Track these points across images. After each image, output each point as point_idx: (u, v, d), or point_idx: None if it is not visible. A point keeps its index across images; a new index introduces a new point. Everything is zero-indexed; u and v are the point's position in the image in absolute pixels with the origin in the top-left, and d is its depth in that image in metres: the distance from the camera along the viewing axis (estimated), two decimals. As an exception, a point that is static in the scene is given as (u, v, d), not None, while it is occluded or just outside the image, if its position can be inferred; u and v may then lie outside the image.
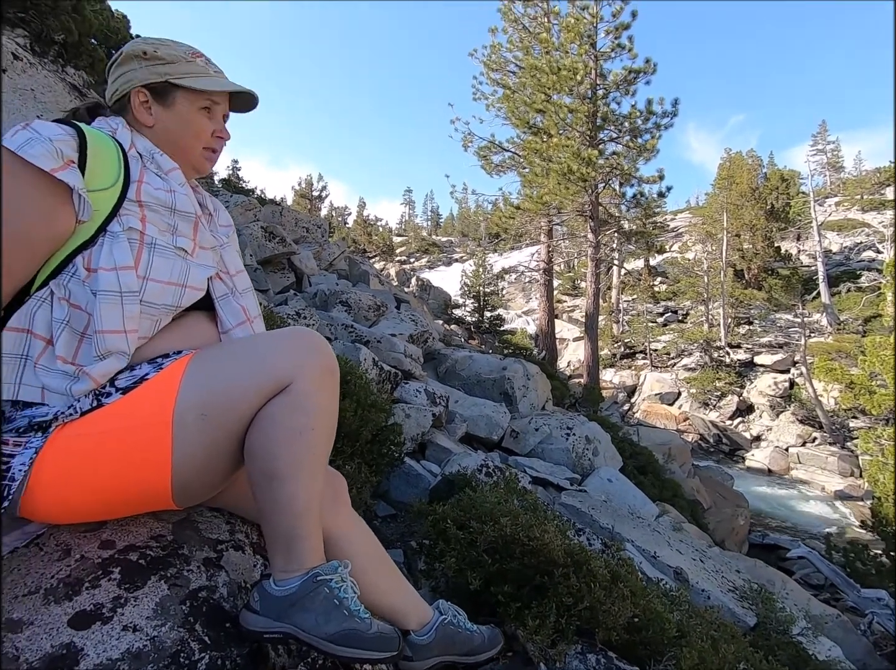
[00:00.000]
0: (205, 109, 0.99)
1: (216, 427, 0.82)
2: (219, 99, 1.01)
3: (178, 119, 0.97)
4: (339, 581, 0.84)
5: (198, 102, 0.98)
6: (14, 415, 0.79)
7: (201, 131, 0.99)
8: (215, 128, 1.01)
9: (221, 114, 1.03)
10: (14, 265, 0.77)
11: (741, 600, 3.04)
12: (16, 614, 0.71)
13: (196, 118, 0.98)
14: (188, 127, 0.98)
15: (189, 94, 0.97)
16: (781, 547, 8.51)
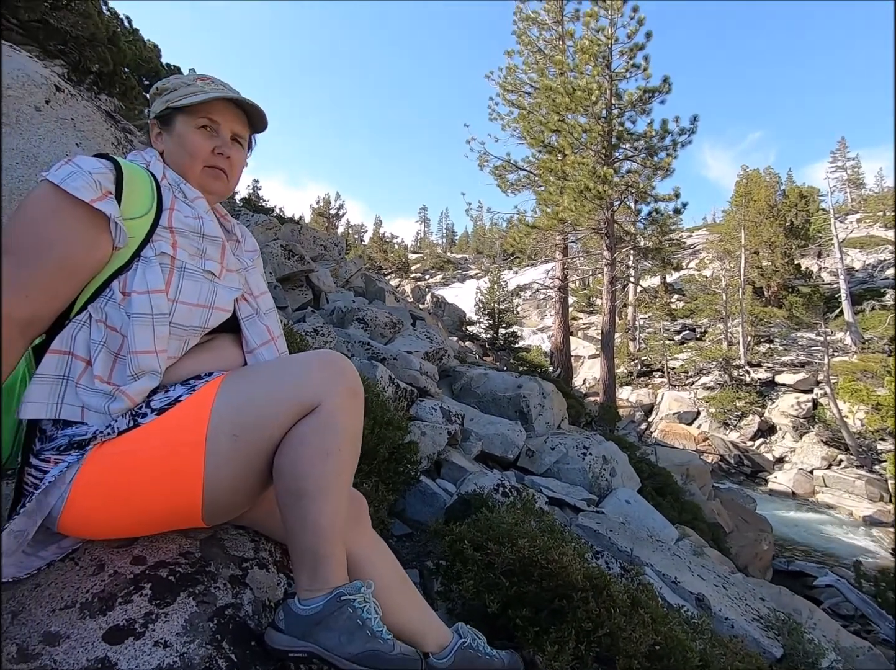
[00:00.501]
0: (203, 129, 1.00)
1: (247, 447, 0.85)
2: (218, 117, 1.00)
3: (177, 141, 1.00)
4: (363, 601, 0.85)
5: (193, 122, 0.99)
6: (55, 434, 0.83)
7: (196, 149, 0.99)
8: (215, 144, 1.00)
9: (227, 132, 1.02)
10: (58, 289, 0.82)
11: (766, 629, 2.94)
12: (53, 627, 0.73)
13: (191, 137, 0.99)
14: (184, 146, 0.99)
15: (185, 116, 0.99)
16: (808, 575, 8.21)
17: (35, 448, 0.84)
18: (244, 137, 1.06)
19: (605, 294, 12.50)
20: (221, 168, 1.02)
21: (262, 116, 1.06)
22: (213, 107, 0.99)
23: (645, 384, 20.78)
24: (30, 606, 0.76)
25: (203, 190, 1.02)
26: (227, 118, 1.01)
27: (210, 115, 0.99)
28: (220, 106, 1.00)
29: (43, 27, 4.10)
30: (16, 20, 4.16)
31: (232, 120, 1.02)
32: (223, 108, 1.01)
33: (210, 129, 1.00)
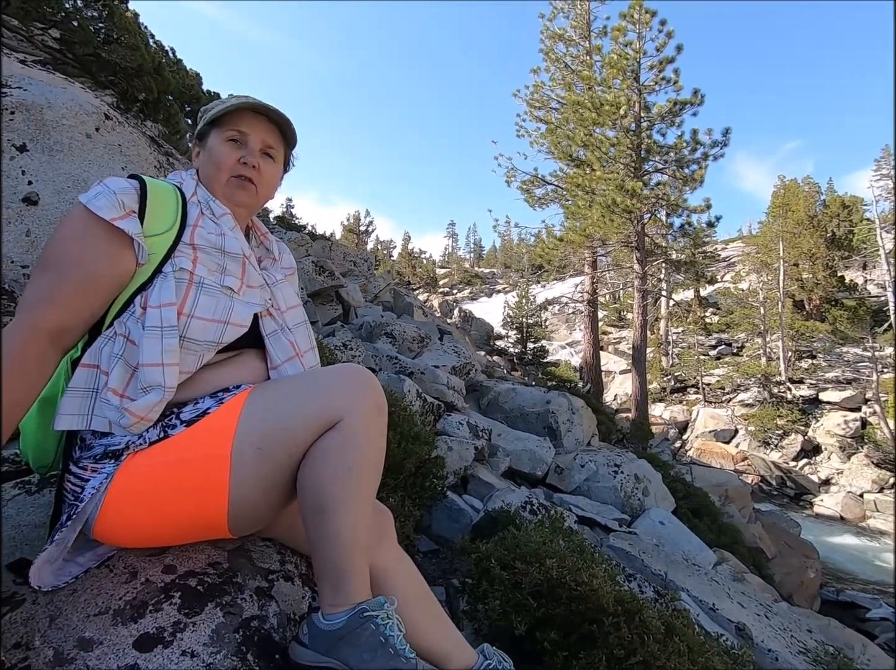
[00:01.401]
0: (232, 141, 1.01)
1: (271, 460, 0.86)
2: (246, 128, 1.01)
3: (207, 154, 1.03)
4: (385, 617, 0.84)
5: (223, 134, 1.01)
6: (93, 443, 0.87)
7: (222, 159, 1.00)
8: (241, 154, 1.01)
9: (257, 143, 1.03)
10: (84, 302, 0.85)
11: (814, 664, 2.76)
12: (87, 633, 0.75)
13: (219, 148, 1.01)
14: (211, 157, 1.01)
15: (216, 130, 1.02)
16: (860, 606, 7.69)
17: (75, 456, 0.88)
18: (276, 150, 1.07)
19: (636, 308, 12.26)
20: (247, 177, 1.03)
21: (288, 125, 1.07)
22: (242, 119, 1.02)
23: (679, 400, 20.16)
24: (66, 611, 0.79)
25: (230, 202, 1.03)
26: (255, 129, 1.03)
27: (238, 126, 1.01)
28: (248, 118, 1.02)
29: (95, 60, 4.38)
30: (72, 55, 4.46)
31: (262, 131, 1.04)
32: (252, 119, 1.03)
33: (238, 142, 1.02)
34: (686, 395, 20.43)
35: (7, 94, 2.08)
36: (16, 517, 0.99)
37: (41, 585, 0.82)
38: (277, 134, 1.07)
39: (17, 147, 2.02)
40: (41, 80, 2.26)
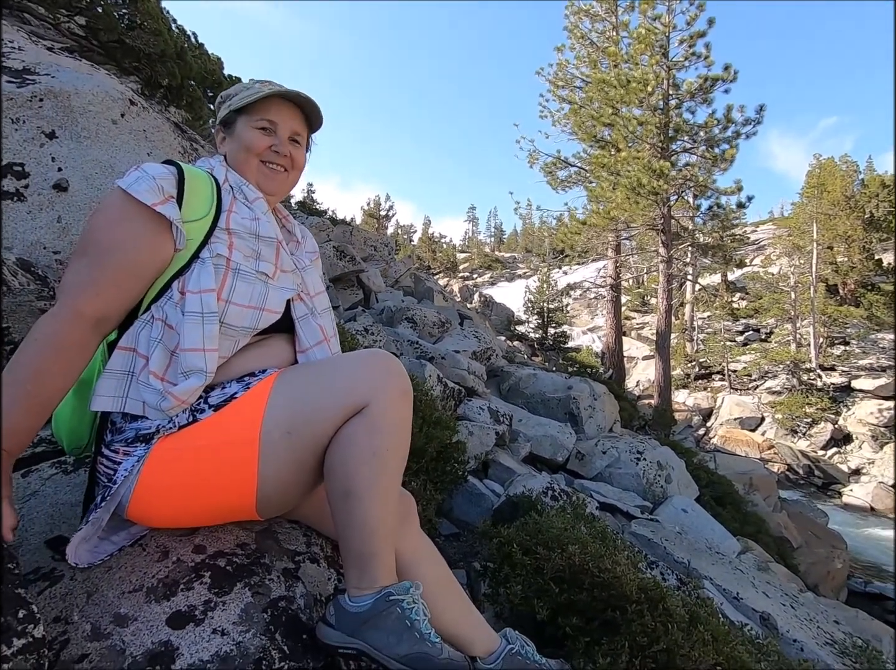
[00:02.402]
0: (262, 129, 1.02)
1: (299, 445, 0.87)
2: (275, 116, 1.02)
3: (236, 140, 1.03)
4: (411, 602, 0.85)
5: (252, 122, 1.01)
6: (124, 427, 0.88)
7: (252, 144, 1.01)
8: (272, 142, 1.02)
9: (286, 131, 1.03)
10: (126, 288, 0.86)
11: (841, 656, 2.72)
12: (123, 609, 0.78)
13: (248, 134, 1.01)
14: (241, 144, 1.02)
15: (245, 117, 1.02)
16: (889, 598, 7.53)
17: (107, 439, 0.90)
18: (302, 136, 1.08)
19: (660, 292, 12.00)
20: (280, 165, 1.04)
21: (317, 112, 1.07)
22: (271, 106, 1.02)
23: (703, 387, 19.80)
24: (102, 588, 0.82)
25: (262, 189, 1.04)
26: (284, 117, 1.03)
27: (268, 115, 1.02)
28: (276, 105, 1.02)
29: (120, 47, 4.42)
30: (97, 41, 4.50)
31: (290, 118, 1.04)
32: (280, 106, 1.03)
33: (268, 130, 1.03)
34: (711, 382, 20.05)
35: (36, 82, 2.11)
36: (53, 496, 1.03)
37: (78, 562, 0.85)
38: (303, 118, 1.07)
39: (46, 134, 2.05)
40: (68, 66, 2.29)
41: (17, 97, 2.01)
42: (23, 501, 1.00)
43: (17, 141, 1.99)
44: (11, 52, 2.30)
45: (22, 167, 1.99)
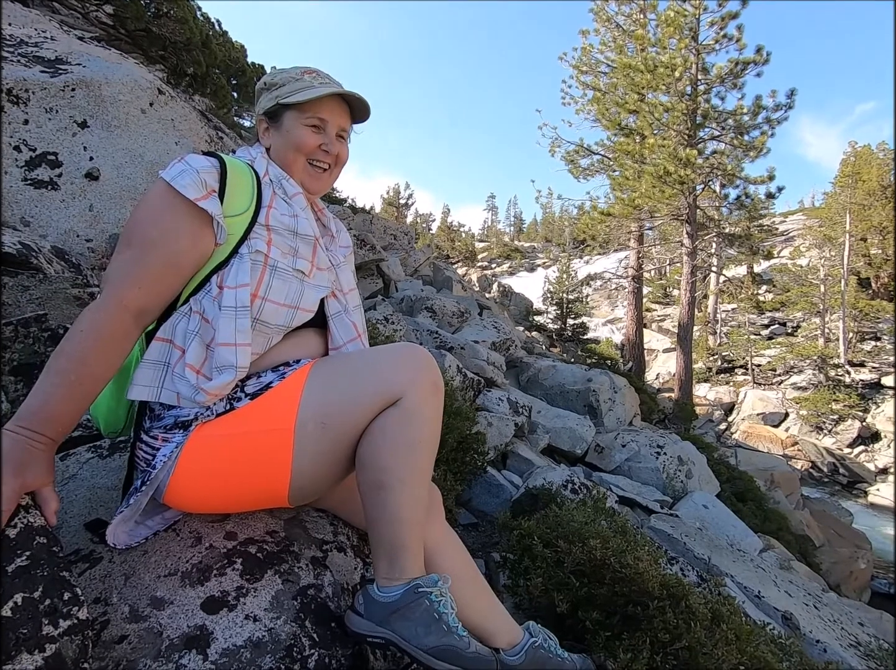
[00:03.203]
0: (313, 127, 1.00)
1: (333, 435, 0.87)
2: (326, 114, 1.00)
3: (284, 136, 1.01)
4: (439, 595, 0.85)
5: (303, 119, 1.00)
6: (163, 414, 0.90)
7: (302, 143, 1.00)
8: (322, 142, 1.01)
9: (334, 130, 1.02)
10: (167, 281, 0.87)
11: (866, 658, 2.67)
12: (159, 592, 0.80)
13: (298, 131, 1.00)
14: (290, 140, 1.00)
15: (295, 112, 1.00)
16: (914, 600, 7.35)
17: (145, 425, 0.92)
18: (347, 131, 1.07)
19: (683, 284, 11.75)
20: (326, 163, 1.04)
21: (366, 109, 1.06)
22: (323, 104, 1.00)
23: (725, 381, 19.44)
24: (139, 571, 0.84)
25: (306, 189, 1.04)
26: (334, 115, 1.02)
27: (320, 113, 1.00)
28: (328, 102, 1.01)
29: (146, 35, 4.46)
30: (124, 30, 4.55)
31: (339, 115, 1.03)
32: (331, 104, 1.01)
33: (318, 128, 1.01)
34: (733, 376, 19.66)
35: (68, 72, 2.15)
36: (90, 479, 1.06)
37: (116, 543, 0.88)
38: (348, 113, 1.06)
39: (78, 123, 2.09)
40: (98, 55, 2.31)
41: (50, 87, 2.04)
42: (62, 484, 1.03)
43: (51, 130, 2.03)
44: (44, 42, 2.34)
45: (55, 156, 2.03)
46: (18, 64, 2.10)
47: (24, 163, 1.98)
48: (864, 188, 19.35)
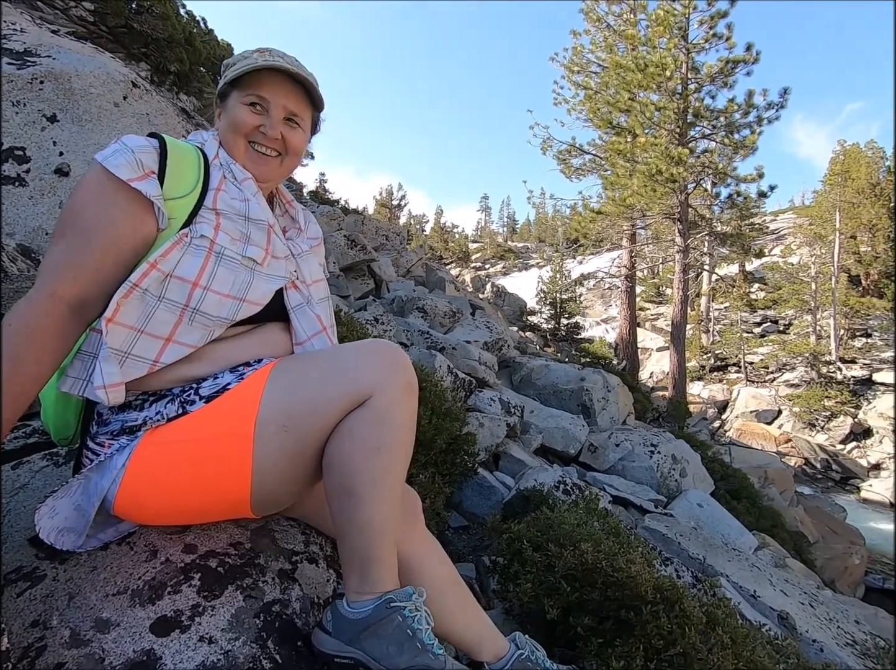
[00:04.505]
0: (251, 105, 0.93)
1: (296, 439, 0.81)
2: (267, 93, 0.92)
3: (226, 117, 0.95)
4: (413, 609, 0.79)
5: (241, 97, 0.93)
6: (110, 419, 0.83)
7: (239, 124, 0.92)
8: (261, 122, 0.93)
9: (279, 111, 0.94)
10: (105, 269, 0.80)
11: (863, 657, 2.63)
12: (105, 613, 0.73)
13: (237, 111, 0.93)
14: (230, 122, 0.94)
15: (237, 91, 0.93)
16: (909, 595, 7.37)
17: (92, 431, 0.85)
18: (302, 117, 0.97)
19: (676, 283, 11.77)
20: (270, 147, 0.95)
21: (314, 88, 0.97)
22: (263, 81, 0.92)
23: (719, 379, 19.51)
24: (85, 589, 0.77)
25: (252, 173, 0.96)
26: (278, 94, 0.93)
27: (259, 90, 0.92)
28: (270, 79, 0.93)
29: (128, 32, 4.37)
30: (105, 27, 4.46)
31: (285, 96, 0.93)
32: (274, 81, 0.93)
33: (259, 107, 0.94)
34: (726, 374, 19.74)
35: (37, 64, 2.07)
36: (42, 489, 0.99)
37: (54, 544, 0.80)
38: (303, 97, 0.97)
39: (47, 117, 2.01)
40: (69, 48, 2.24)
41: (17, 79, 1.96)
42: (11, 495, 0.96)
43: (18, 124, 1.95)
44: (13, 35, 2.26)
45: (23, 151, 1.95)
46: (-15, 56, 2.02)
47: (-10, 158, 1.90)
48: (854, 186, 19.50)
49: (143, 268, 0.80)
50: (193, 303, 0.82)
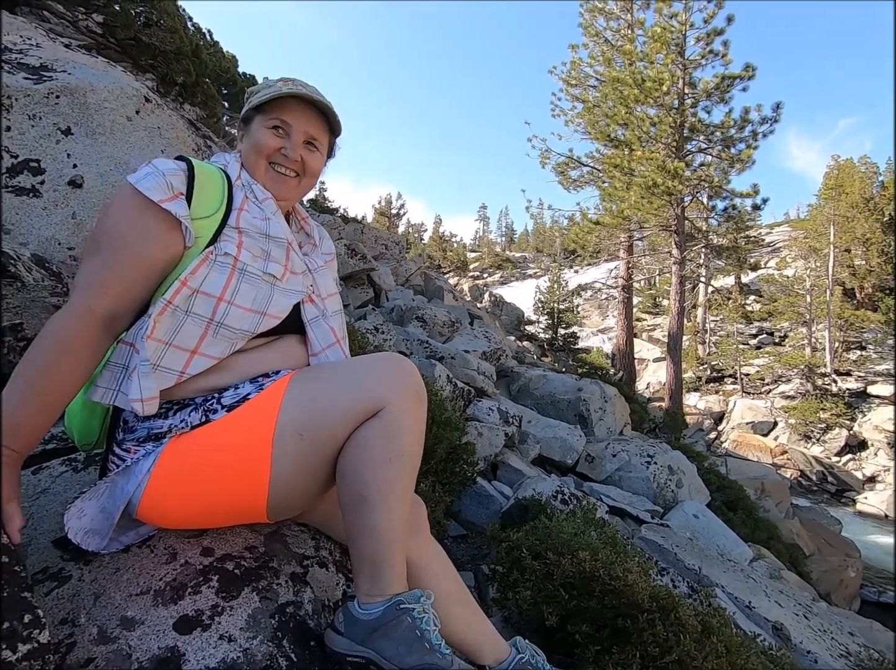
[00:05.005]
0: (274, 129, 0.99)
1: (312, 448, 0.85)
2: (290, 117, 0.99)
3: (249, 139, 1.01)
4: (422, 611, 0.83)
5: (265, 121, 0.99)
6: (136, 426, 0.88)
7: (261, 146, 0.98)
8: (282, 145, 0.99)
9: (300, 135, 1.00)
10: (135, 285, 0.85)
11: (857, 668, 2.66)
12: (130, 612, 0.77)
13: (260, 134, 0.99)
14: (252, 142, 1.00)
15: (260, 116, 1.00)
16: (904, 608, 7.38)
17: (118, 437, 0.89)
18: (320, 141, 1.04)
19: (672, 294, 11.87)
20: (289, 169, 1.01)
21: (333, 114, 1.04)
22: (286, 107, 0.99)
23: (715, 390, 19.57)
24: (110, 589, 0.81)
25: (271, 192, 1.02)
26: (299, 119, 1.00)
27: (282, 115, 0.99)
28: (293, 106, 0.99)
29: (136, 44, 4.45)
30: (113, 39, 4.54)
31: (306, 121, 1.01)
32: (296, 108, 1.00)
33: (281, 131, 1.00)
34: (723, 385, 19.81)
35: (53, 78, 2.12)
36: (62, 494, 1.02)
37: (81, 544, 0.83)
38: (322, 123, 1.04)
39: (62, 130, 2.06)
40: (84, 63, 2.30)
41: (34, 94, 2.02)
42: (32, 499, 1.00)
43: (34, 137, 2.00)
44: (29, 49, 2.32)
45: (38, 163, 2.00)
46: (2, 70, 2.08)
47: (6, 170, 1.95)
48: (848, 201, 19.73)
49: (175, 286, 0.84)
50: (218, 317, 0.87)
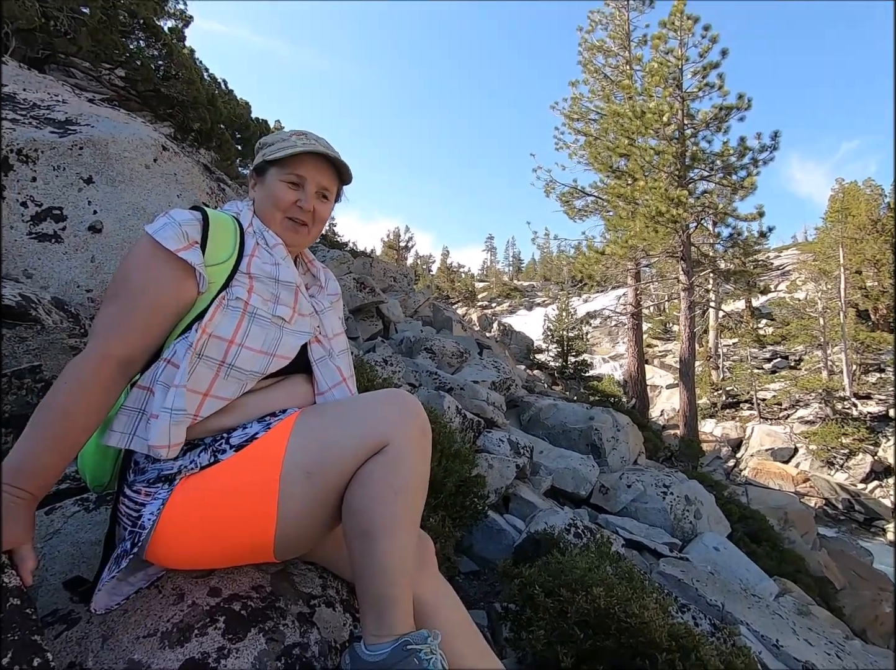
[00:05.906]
0: (290, 183, 1.04)
1: (319, 485, 0.86)
2: (305, 171, 1.04)
3: (265, 191, 1.06)
4: (429, 652, 0.82)
5: (282, 175, 1.04)
6: (147, 467, 0.89)
7: (279, 199, 1.04)
8: (298, 198, 1.04)
9: (313, 187, 1.06)
10: (151, 331, 0.89)
11: (895, 713, 2.51)
12: (136, 655, 0.77)
13: (277, 188, 1.04)
14: (269, 196, 1.05)
15: (276, 169, 1.05)
16: (946, 647, 6.95)
17: (129, 479, 0.90)
18: (330, 190, 1.10)
19: (682, 320, 11.83)
20: (301, 220, 1.07)
21: (346, 169, 1.10)
22: (302, 162, 1.05)
23: (731, 416, 19.18)
24: (118, 632, 0.81)
25: (285, 241, 1.07)
26: (313, 173, 1.06)
27: (298, 170, 1.04)
28: (308, 160, 1.05)
29: (156, 95, 4.70)
30: (135, 91, 4.80)
31: (319, 174, 1.06)
32: (311, 162, 1.05)
33: (296, 185, 1.06)
34: (739, 411, 19.41)
35: (77, 132, 2.25)
36: (74, 534, 1.04)
37: (96, 609, 0.84)
38: (332, 174, 1.10)
39: (84, 179, 2.17)
40: (107, 116, 2.43)
41: (59, 146, 2.14)
42: (44, 540, 1.01)
43: (58, 186, 2.11)
44: (56, 105, 2.47)
45: (60, 210, 2.10)
46: (30, 126, 2.21)
47: (30, 217, 2.04)
48: (855, 223, 19.75)
49: (197, 334, 0.89)
50: (230, 359, 0.90)
